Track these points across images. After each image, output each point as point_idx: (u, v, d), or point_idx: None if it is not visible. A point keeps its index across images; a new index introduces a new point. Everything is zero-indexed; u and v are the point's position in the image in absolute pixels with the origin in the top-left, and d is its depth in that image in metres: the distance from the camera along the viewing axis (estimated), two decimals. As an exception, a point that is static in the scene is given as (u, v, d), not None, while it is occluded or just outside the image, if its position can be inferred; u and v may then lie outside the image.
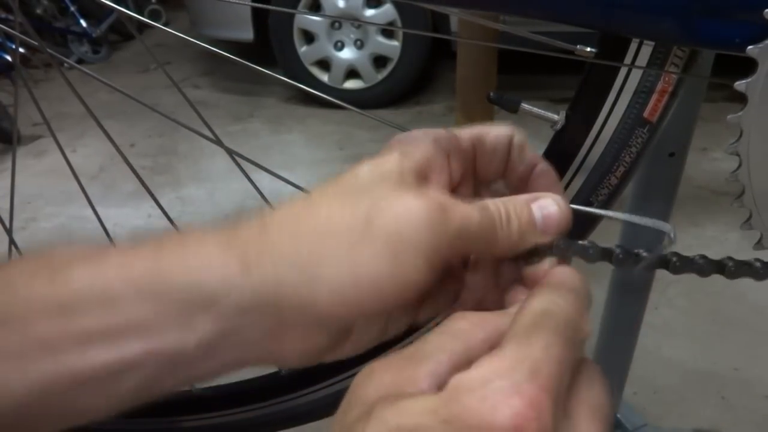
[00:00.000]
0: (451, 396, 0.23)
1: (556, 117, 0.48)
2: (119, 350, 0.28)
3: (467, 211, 0.31)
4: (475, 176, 0.37)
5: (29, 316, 0.28)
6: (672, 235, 0.35)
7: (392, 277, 0.29)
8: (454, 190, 0.35)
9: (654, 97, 0.45)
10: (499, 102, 0.46)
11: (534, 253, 0.33)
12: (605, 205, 0.49)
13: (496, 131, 0.37)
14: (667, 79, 0.44)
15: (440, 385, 0.25)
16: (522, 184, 0.37)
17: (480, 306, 0.36)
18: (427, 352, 0.27)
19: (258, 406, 0.65)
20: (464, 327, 0.28)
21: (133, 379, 0.29)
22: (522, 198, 0.33)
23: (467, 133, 0.36)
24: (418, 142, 0.33)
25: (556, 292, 0.29)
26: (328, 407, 0.64)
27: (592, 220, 0.49)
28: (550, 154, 0.50)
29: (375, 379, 0.26)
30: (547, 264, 0.32)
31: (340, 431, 0.25)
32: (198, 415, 0.67)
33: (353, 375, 0.60)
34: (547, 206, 0.33)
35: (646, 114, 0.45)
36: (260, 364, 0.33)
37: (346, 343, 0.34)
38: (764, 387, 1.32)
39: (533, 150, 0.39)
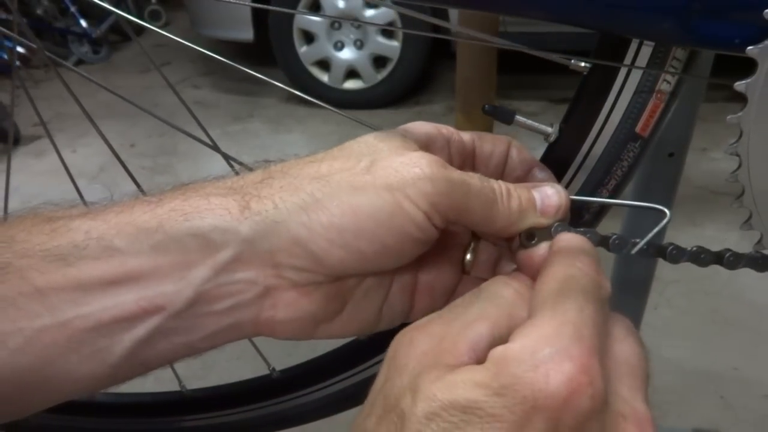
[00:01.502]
0: (500, 368, 0.23)
1: (549, 129, 0.48)
2: (115, 301, 0.28)
3: (468, 174, 0.31)
4: None
5: (27, 268, 0.28)
6: (669, 217, 0.36)
7: (392, 221, 0.29)
8: None
9: (646, 112, 0.45)
10: (494, 113, 0.47)
11: (532, 237, 0.33)
12: (597, 217, 0.50)
13: (495, 136, 0.38)
14: (659, 95, 0.45)
15: (480, 356, 0.25)
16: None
17: None
18: (469, 321, 0.27)
19: (256, 406, 0.65)
20: (508, 295, 0.29)
21: (127, 338, 0.29)
22: (522, 183, 0.34)
23: (468, 132, 0.38)
24: (421, 126, 0.36)
25: (572, 256, 0.29)
26: (325, 408, 0.64)
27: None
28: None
29: (415, 347, 0.26)
30: (543, 248, 0.33)
31: (384, 401, 0.25)
32: (197, 415, 0.67)
33: (349, 377, 0.61)
34: (547, 191, 0.34)
35: (638, 129, 0.46)
36: (253, 334, 0.32)
37: (340, 315, 0.33)
38: (763, 387, 1.32)
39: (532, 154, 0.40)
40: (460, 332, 0.26)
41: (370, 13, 2.77)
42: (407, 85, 2.89)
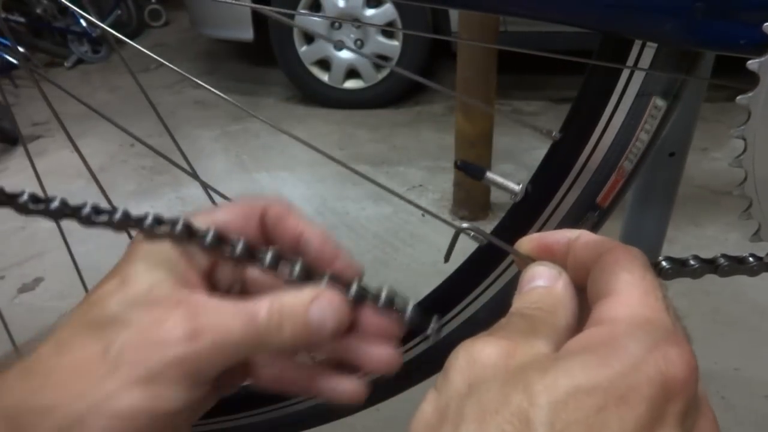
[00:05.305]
0: (611, 349, 0.22)
1: (516, 189, 0.49)
2: None
3: (226, 325, 0.30)
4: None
5: None
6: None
7: (150, 410, 0.28)
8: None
9: (608, 184, 0.47)
10: (465, 170, 0.48)
11: None
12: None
13: (228, 216, 0.34)
14: (620, 171, 0.46)
15: (559, 345, 0.25)
16: (295, 251, 0.35)
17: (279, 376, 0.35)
18: (538, 323, 0.26)
19: (238, 416, 0.65)
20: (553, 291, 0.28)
21: None
22: (301, 300, 0.32)
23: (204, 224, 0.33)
24: (162, 253, 0.32)
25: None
26: (313, 418, 0.64)
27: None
28: (506, 223, 0.53)
29: (489, 352, 0.24)
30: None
31: (478, 406, 0.22)
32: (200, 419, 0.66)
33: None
34: (324, 311, 0.31)
35: (599, 199, 0.47)
36: None
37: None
38: (764, 387, 1.32)
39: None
40: (534, 327, 0.26)
41: (370, 12, 2.77)
42: (407, 85, 2.89)
